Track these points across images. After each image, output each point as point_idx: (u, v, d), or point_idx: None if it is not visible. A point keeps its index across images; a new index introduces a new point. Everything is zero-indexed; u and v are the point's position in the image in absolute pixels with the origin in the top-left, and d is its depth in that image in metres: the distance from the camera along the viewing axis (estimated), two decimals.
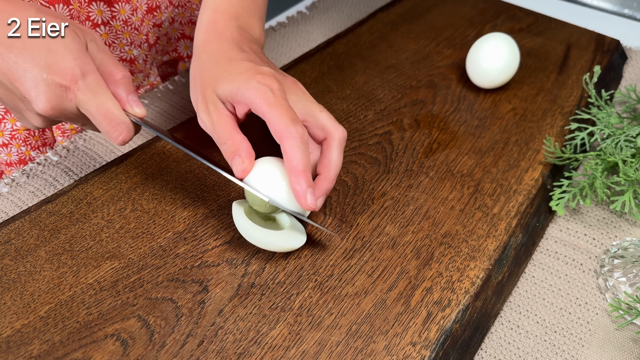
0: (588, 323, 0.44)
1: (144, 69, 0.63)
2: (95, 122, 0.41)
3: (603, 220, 0.52)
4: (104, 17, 0.56)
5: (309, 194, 0.40)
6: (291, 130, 0.40)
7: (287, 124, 0.40)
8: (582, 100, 0.60)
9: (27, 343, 0.37)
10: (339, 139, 0.43)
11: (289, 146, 0.40)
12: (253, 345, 0.38)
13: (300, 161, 0.40)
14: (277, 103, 0.40)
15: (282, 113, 0.40)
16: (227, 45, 0.46)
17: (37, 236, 0.43)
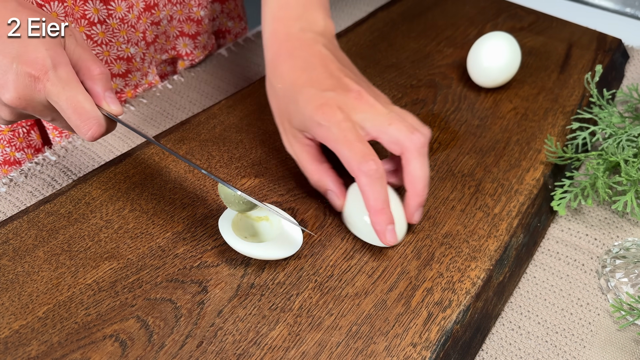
0: (590, 324, 0.44)
1: (141, 67, 0.63)
2: (65, 116, 0.40)
3: (605, 220, 0.52)
4: (100, 16, 0.56)
5: (388, 232, 0.41)
6: (363, 169, 0.40)
7: (358, 162, 0.40)
8: (583, 100, 0.60)
9: (25, 344, 0.37)
10: (415, 149, 0.42)
11: (363, 185, 0.40)
12: (252, 346, 0.38)
13: (376, 200, 0.40)
14: (344, 139, 0.41)
15: (350, 150, 0.40)
16: (290, 64, 0.45)
17: (36, 236, 0.43)
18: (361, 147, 0.41)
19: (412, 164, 0.42)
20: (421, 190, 0.42)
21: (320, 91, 0.43)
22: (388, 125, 0.42)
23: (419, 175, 0.42)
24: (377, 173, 0.40)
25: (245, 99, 0.57)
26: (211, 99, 0.63)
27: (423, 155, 0.42)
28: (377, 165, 0.40)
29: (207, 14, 0.66)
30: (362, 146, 0.41)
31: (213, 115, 0.55)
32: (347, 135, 0.41)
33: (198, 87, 0.64)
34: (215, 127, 0.54)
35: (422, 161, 0.42)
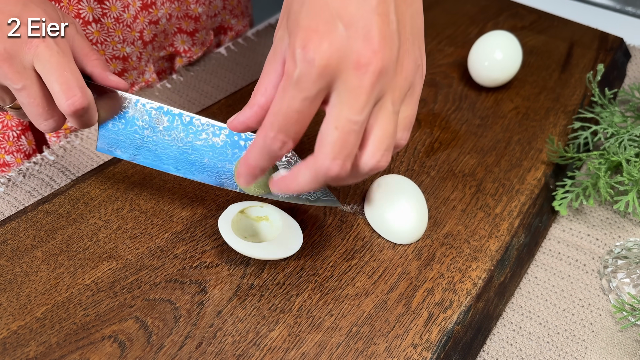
0: (591, 324, 0.44)
1: (138, 66, 0.63)
2: (49, 80, 0.38)
3: (606, 220, 0.52)
4: (94, 15, 0.56)
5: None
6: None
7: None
8: (585, 99, 0.60)
9: (24, 345, 0.37)
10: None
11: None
12: (252, 347, 0.38)
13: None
14: (284, 96, 0.31)
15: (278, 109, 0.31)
16: None
17: (34, 236, 0.43)
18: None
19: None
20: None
21: (328, 13, 0.30)
22: (334, 129, 0.31)
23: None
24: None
25: (245, 98, 0.57)
26: (211, 99, 0.63)
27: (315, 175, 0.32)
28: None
29: (205, 10, 0.66)
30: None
31: (212, 114, 0.55)
32: (293, 100, 0.31)
33: (197, 87, 0.64)
34: None
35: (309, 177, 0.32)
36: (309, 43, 0.29)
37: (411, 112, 0.34)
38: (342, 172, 0.31)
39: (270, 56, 0.34)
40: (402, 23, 0.32)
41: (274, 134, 0.31)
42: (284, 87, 0.31)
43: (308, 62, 0.29)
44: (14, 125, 0.58)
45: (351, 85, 0.30)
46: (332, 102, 0.31)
